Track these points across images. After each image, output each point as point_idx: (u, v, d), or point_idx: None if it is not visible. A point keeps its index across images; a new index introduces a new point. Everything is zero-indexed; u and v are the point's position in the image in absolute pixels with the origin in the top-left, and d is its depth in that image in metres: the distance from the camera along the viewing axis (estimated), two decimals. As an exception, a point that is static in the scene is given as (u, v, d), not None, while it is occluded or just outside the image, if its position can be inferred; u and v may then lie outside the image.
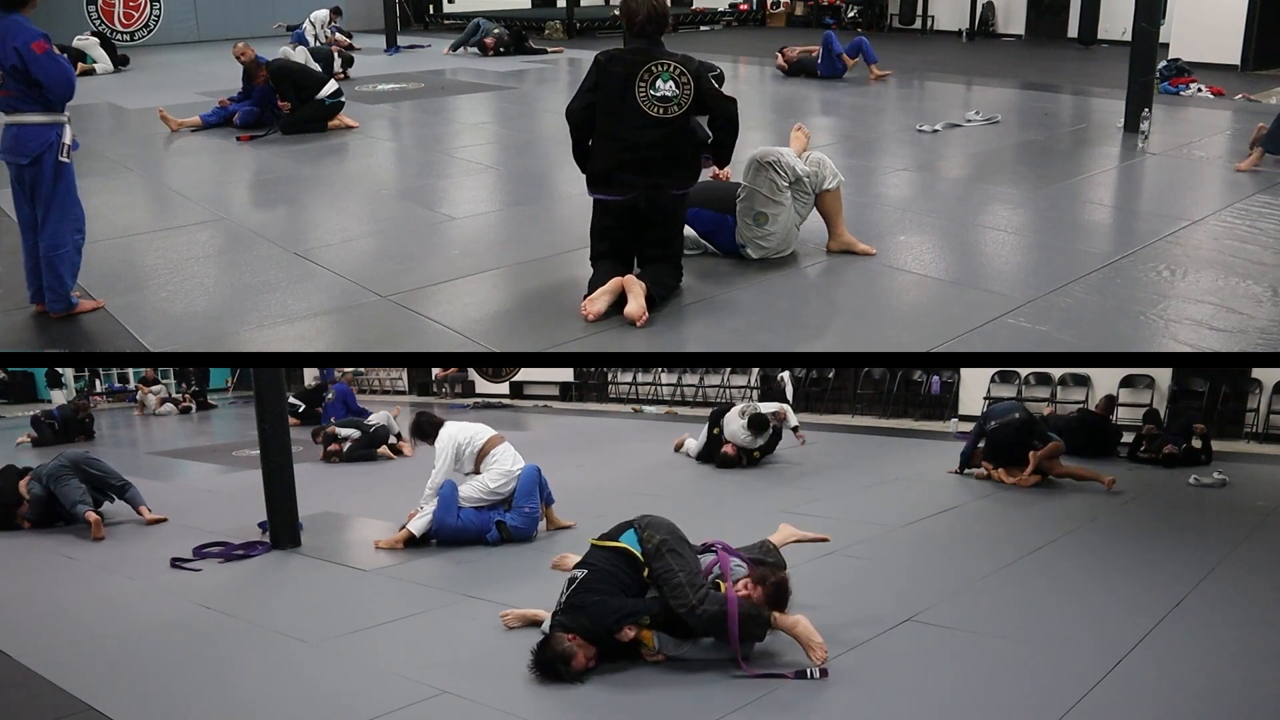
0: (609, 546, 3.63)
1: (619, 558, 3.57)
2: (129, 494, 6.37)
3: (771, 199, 4.64)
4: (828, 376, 11.80)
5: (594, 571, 3.55)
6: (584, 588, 3.50)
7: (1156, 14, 7.96)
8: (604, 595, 3.46)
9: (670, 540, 3.55)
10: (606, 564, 3.57)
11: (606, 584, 3.50)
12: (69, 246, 4.18)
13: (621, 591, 3.51)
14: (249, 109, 8.56)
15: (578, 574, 3.57)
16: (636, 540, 3.58)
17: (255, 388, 5.79)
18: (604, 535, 3.71)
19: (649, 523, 3.62)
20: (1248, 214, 5.49)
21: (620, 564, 3.55)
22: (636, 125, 4.03)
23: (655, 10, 4.10)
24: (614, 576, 3.53)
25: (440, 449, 5.49)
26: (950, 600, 4.17)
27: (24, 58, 3.88)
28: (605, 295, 4.00)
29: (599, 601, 3.44)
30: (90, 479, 6.25)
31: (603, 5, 21.38)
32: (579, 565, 3.66)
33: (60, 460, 6.29)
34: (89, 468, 6.30)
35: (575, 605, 3.47)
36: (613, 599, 3.47)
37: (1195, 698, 3.12)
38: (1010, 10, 18.20)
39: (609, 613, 3.41)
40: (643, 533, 3.57)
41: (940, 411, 10.68)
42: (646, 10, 4.08)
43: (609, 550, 3.61)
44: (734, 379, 12.57)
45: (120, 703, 3.32)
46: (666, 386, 13.34)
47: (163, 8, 18.98)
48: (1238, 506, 6.03)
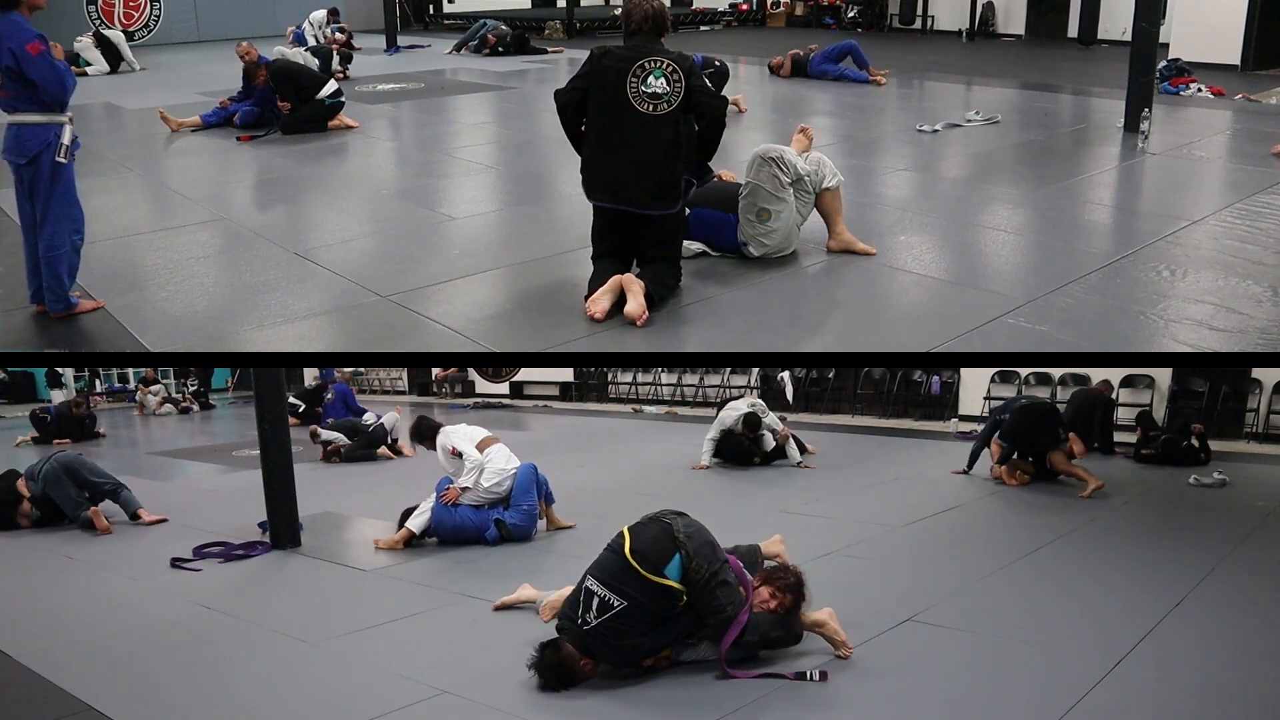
0: (655, 582, 3.29)
1: (661, 592, 3.30)
2: (122, 496, 6.34)
3: (775, 195, 4.64)
4: (828, 376, 11.81)
5: (635, 608, 3.26)
6: (621, 624, 3.26)
7: (1156, 14, 7.96)
8: (641, 637, 3.29)
9: (720, 571, 3.32)
10: (650, 600, 3.28)
11: (645, 624, 3.30)
12: (67, 247, 4.18)
13: (657, 625, 3.34)
14: (249, 109, 8.56)
15: (615, 603, 3.26)
16: (680, 569, 3.30)
17: (255, 388, 5.79)
18: (643, 554, 3.30)
19: (695, 550, 3.31)
20: (1248, 214, 5.49)
21: (662, 598, 3.31)
22: (625, 122, 4.03)
23: (654, 11, 4.12)
24: (654, 614, 3.31)
25: (456, 438, 5.50)
26: (950, 600, 4.17)
27: (18, 58, 3.90)
28: (607, 295, 4.01)
29: (636, 645, 3.29)
30: (81, 483, 6.24)
31: (603, 5, 21.39)
32: (617, 590, 3.28)
33: (51, 464, 6.27)
34: (80, 470, 6.29)
35: (606, 639, 3.27)
36: (648, 639, 3.31)
37: (1195, 698, 3.12)
38: (1010, 10, 18.20)
39: (642, 654, 3.31)
40: (690, 562, 3.29)
41: (940, 411, 10.68)
42: (644, 11, 4.10)
43: (653, 585, 3.29)
44: (734, 379, 12.57)
45: (120, 703, 3.32)
46: (666, 386, 13.34)
47: (163, 8, 18.98)
48: (1238, 506, 6.03)
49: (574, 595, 3.43)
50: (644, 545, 3.33)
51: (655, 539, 3.35)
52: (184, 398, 15.04)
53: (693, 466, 7.87)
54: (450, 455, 5.50)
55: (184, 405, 14.74)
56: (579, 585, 3.43)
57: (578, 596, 3.39)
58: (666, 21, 4.19)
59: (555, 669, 3.27)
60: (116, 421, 13.66)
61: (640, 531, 3.41)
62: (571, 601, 3.41)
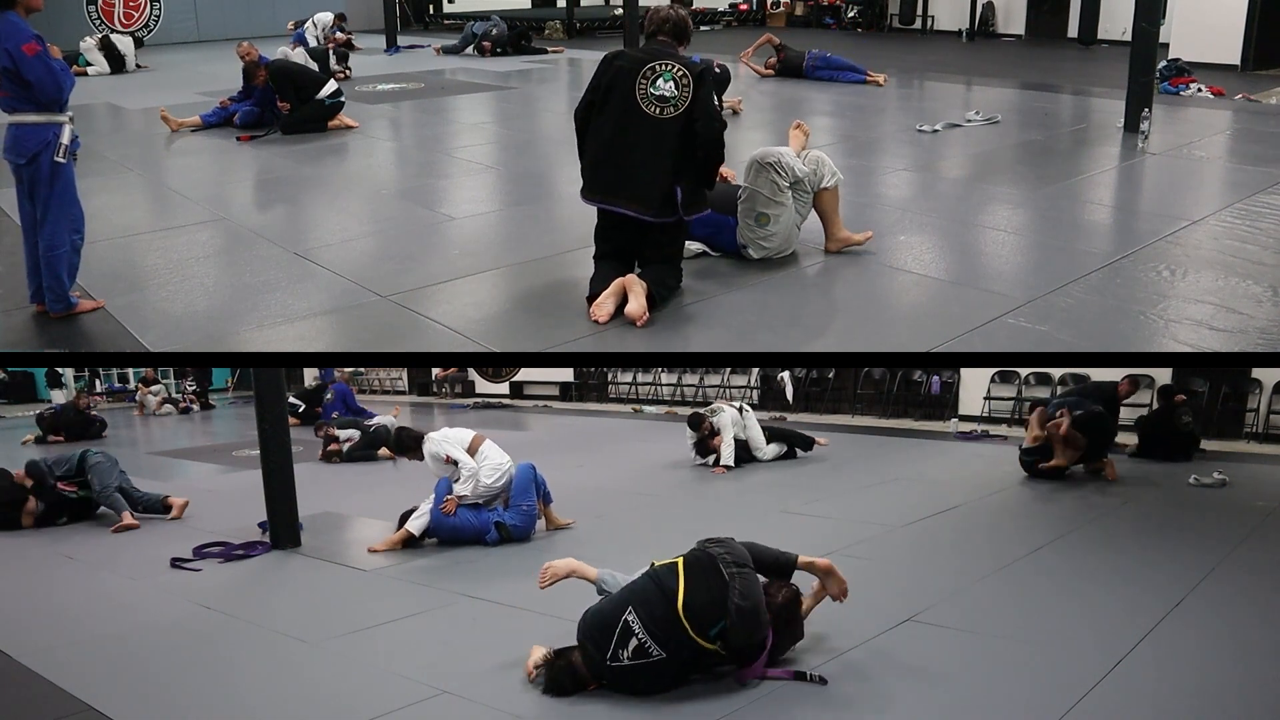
0: (700, 645, 3.15)
1: (703, 653, 3.19)
2: (108, 501, 6.34)
3: (773, 200, 4.64)
4: (828, 376, 11.80)
5: (673, 661, 3.15)
6: (653, 673, 3.14)
7: (1156, 14, 7.96)
8: (667, 682, 3.20)
9: (759, 630, 3.23)
10: (690, 655, 3.17)
11: (675, 675, 3.20)
12: (66, 247, 4.19)
13: (686, 675, 3.26)
14: (249, 109, 8.56)
15: (654, 652, 3.10)
16: (721, 633, 3.16)
17: (255, 388, 5.79)
18: (696, 614, 3.13)
19: (742, 625, 3.16)
20: (1248, 214, 5.49)
21: (700, 657, 3.21)
22: (631, 123, 4.03)
23: (677, 18, 4.15)
24: (687, 666, 3.23)
25: (448, 446, 5.47)
26: (950, 600, 4.17)
27: (15, 59, 3.90)
28: (610, 297, 4.00)
29: (656, 688, 3.18)
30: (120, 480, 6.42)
31: (603, 5, 21.39)
32: (659, 640, 3.11)
33: (101, 455, 6.49)
34: (88, 469, 6.36)
35: (630, 681, 3.16)
36: (671, 684, 3.22)
37: (1195, 697, 3.12)
38: (1010, 10, 18.21)
39: (655, 693, 3.20)
40: (733, 630, 3.16)
41: (940, 411, 10.68)
42: (664, 16, 4.13)
43: (698, 647, 3.15)
44: (734, 379, 12.57)
45: (120, 703, 3.32)
46: (666, 386, 13.34)
47: (163, 8, 18.98)
48: (1238, 506, 6.02)
49: (606, 620, 3.21)
50: (699, 604, 3.14)
51: (710, 602, 3.14)
52: (184, 398, 15.05)
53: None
54: (444, 463, 5.48)
55: (184, 405, 14.75)
56: (617, 615, 3.18)
57: (613, 626, 3.16)
58: (688, 30, 4.19)
59: (569, 676, 3.20)
60: (116, 422, 13.65)
61: (696, 581, 3.18)
62: (603, 629, 3.19)
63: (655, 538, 5.51)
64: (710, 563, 3.23)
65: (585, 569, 3.64)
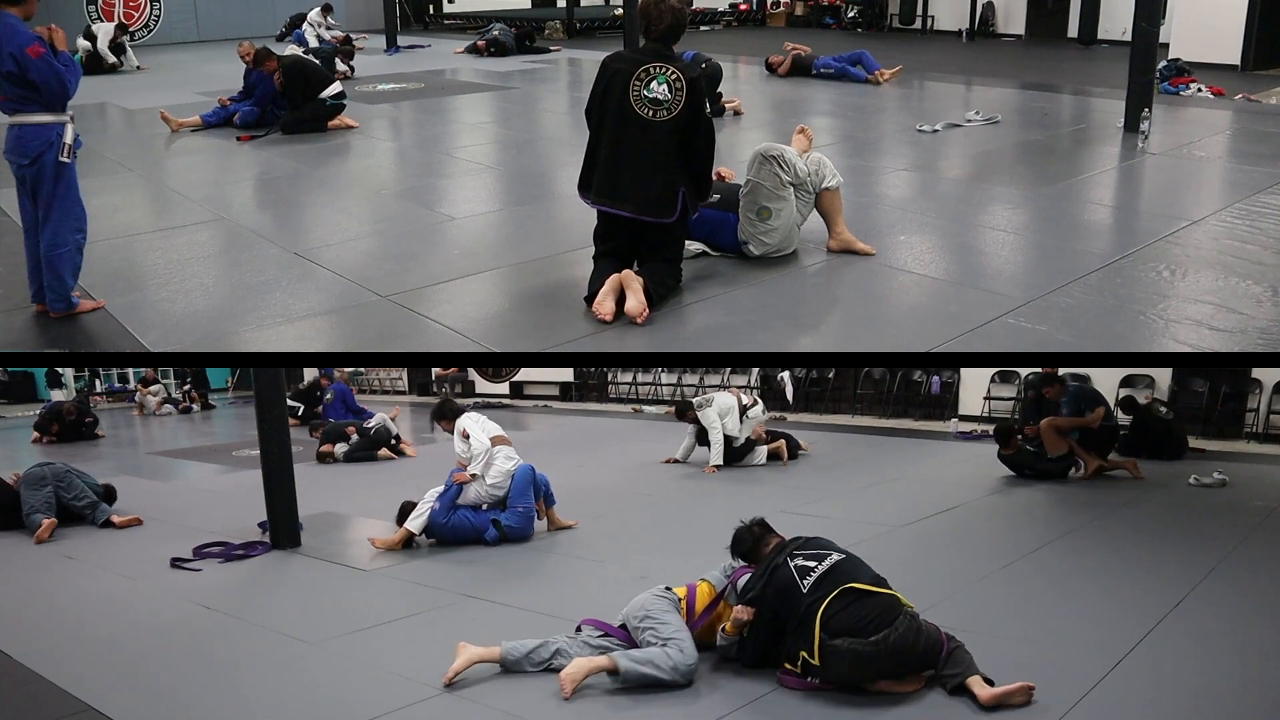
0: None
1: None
2: (95, 515, 6.22)
3: (775, 193, 4.65)
4: (828, 376, 11.80)
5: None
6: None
7: (1156, 14, 7.96)
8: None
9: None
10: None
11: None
12: (69, 246, 4.19)
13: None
14: (249, 109, 8.57)
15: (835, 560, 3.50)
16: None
17: (255, 388, 5.80)
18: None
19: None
20: (1248, 214, 5.49)
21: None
22: (625, 124, 4.04)
23: (677, 21, 4.13)
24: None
25: (469, 425, 5.55)
26: (950, 600, 4.17)
27: (19, 62, 3.91)
28: (609, 295, 4.01)
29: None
30: (60, 498, 6.18)
31: (603, 5, 21.39)
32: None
33: (42, 470, 6.25)
34: (61, 486, 6.21)
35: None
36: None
37: (1194, 697, 3.12)
38: (1010, 10, 18.20)
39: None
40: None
41: (940, 411, 10.68)
42: (659, 11, 4.10)
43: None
44: (734, 379, 12.56)
45: (120, 703, 3.32)
46: (666, 386, 13.34)
47: (163, 8, 18.99)
48: (1238, 506, 6.02)
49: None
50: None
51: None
52: (184, 398, 15.04)
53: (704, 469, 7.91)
54: (463, 438, 5.53)
55: (184, 405, 14.74)
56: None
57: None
58: (684, 23, 4.18)
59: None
60: (116, 422, 13.67)
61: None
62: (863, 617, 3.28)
63: (655, 538, 5.52)
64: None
65: (598, 660, 3.34)
